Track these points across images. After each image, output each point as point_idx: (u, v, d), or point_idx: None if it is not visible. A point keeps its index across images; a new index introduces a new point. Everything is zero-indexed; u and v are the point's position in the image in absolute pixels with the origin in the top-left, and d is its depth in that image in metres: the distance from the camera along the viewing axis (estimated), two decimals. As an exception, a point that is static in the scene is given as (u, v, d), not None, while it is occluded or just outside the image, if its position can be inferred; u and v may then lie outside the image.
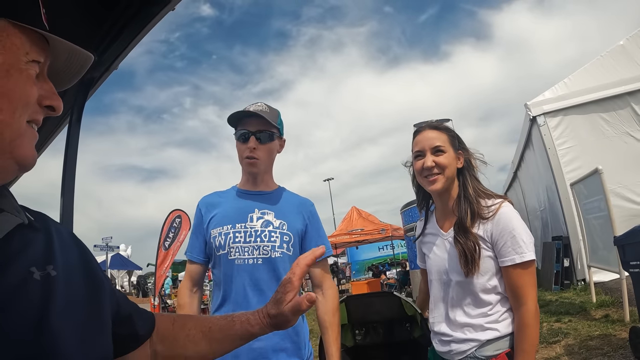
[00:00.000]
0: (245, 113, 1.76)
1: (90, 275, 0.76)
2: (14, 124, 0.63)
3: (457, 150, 1.72)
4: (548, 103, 7.72)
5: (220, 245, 1.70)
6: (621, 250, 3.74)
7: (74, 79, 0.79)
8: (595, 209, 5.28)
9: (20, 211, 0.67)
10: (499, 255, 1.55)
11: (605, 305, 5.28)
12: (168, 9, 0.95)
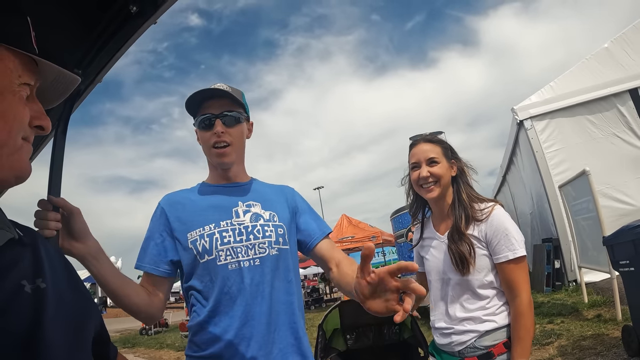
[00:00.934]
0: (205, 94, 1.48)
1: (76, 291, 0.78)
2: (10, 142, 0.67)
3: (451, 160, 1.87)
4: (535, 107, 7.82)
5: (205, 249, 1.40)
6: (610, 250, 3.78)
7: (60, 98, 0.84)
8: (583, 210, 5.34)
9: (10, 226, 0.70)
10: (494, 253, 1.71)
11: (597, 305, 5.32)
12: (150, 22, 0.96)
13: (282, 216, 1.53)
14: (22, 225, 0.79)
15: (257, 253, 1.42)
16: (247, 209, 1.50)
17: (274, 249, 1.45)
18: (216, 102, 1.48)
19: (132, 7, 0.94)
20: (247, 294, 1.37)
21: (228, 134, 1.47)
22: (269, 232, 1.45)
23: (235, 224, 1.45)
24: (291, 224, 1.56)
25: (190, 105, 1.50)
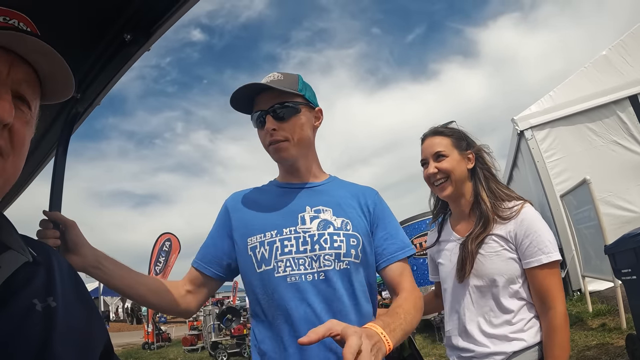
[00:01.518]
0: (251, 89, 1.31)
1: (85, 307, 0.81)
2: None
3: (465, 151, 1.64)
4: (534, 117, 7.85)
5: (264, 258, 1.27)
6: (612, 259, 3.77)
7: (57, 94, 0.78)
8: (585, 219, 5.33)
9: (24, 248, 0.72)
10: (524, 257, 1.48)
11: (601, 314, 5.29)
12: (144, 49, 1.01)
13: (358, 224, 1.33)
14: (36, 241, 0.82)
15: (322, 266, 1.25)
16: (315, 214, 1.33)
17: (343, 262, 1.26)
18: (265, 96, 1.32)
19: (126, 36, 0.99)
20: (302, 312, 1.22)
21: (282, 129, 1.31)
22: (338, 243, 1.27)
23: (299, 232, 1.29)
24: (368, 234, 1.35)
25: (239, 104, 1.36)
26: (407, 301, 1.24)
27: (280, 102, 1.30)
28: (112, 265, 1.26)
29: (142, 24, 0.98)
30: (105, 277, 1.24)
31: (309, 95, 1.38)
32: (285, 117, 1.30)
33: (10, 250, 0.70)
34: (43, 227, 1.18)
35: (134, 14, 0.99)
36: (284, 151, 1.32)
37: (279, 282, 1.24)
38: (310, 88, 1.41)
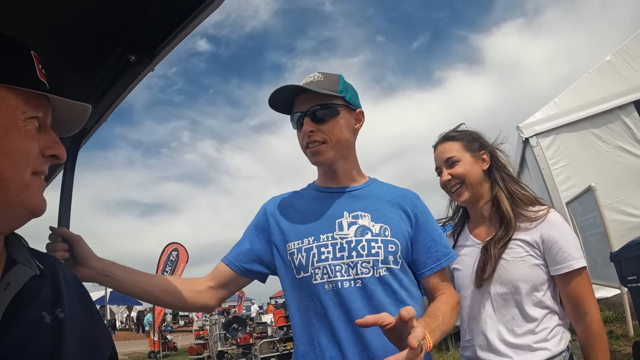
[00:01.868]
0: (289, 91, 1.31)
1: (91, 317, 0.85)
2: (18, 178, 0.72)
3: (478, 152, 1.60)
4: (539, 124, 7.84)
5: (301, 265, 1.27)
6: (617, 266, 3.76)
7: (76, 126, 0.88)
8: (591, 226, 5.32)
9: (32, 262, 0.77)
10: (554, 263, 1.44)
11: (609, 321, 5.25)
12: (148, 70, 1.06)
13: (397, 230, 1.30)
14: (42, 253, 0.87)
15: (359, 273, 1.23)
16: (353, 220, 1.30)
17: (382, 268, 1.24)
18: (304, 97, 1.31)
19: (130, 57, 1.04)
20: (341, 320, 1.21)
21: (320, 132, 1.29)
22: (375, 249, 1.25)
23: (337, 238, 1.27)
24: (408, 240, 1.32)
25: (279, 105, 1.36)
26: (446, 304, 1.26)
27: (320, 103, 1.29)
28: (122, 272, 1.28)
29: (145, 46, 1.03)
30: (117, 284, 1.26)
31: (349, 96, 1.36)
32: (324, 119, 1.29)
33: (19, 265, 0.75)
34: (52, 240, 1.21)
35: (137, 37, 1.04)
36: (321, 154, 1.31)
37: (318, 289, 1.24)
38: (352, 88, 1.39)
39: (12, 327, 0.68)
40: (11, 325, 0.68)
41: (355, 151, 1.42)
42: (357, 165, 1.43)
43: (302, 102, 1.31)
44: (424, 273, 1.33)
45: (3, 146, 0.70)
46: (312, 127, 1.29)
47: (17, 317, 0.69)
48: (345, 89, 1.35)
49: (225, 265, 1.39)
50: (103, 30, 1.04)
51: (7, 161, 0.70)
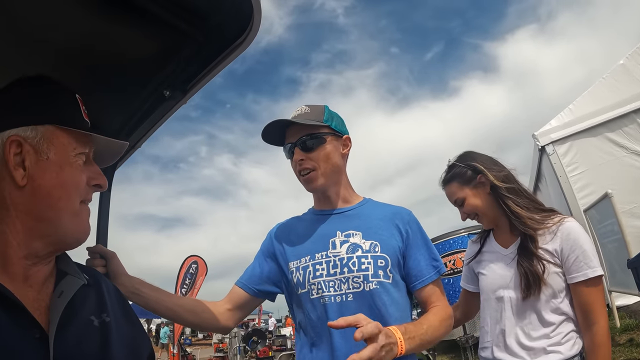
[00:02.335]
0: (280, 124, 1.43)
1: (131, 321, 0.98)
2: (70, 207, 0.83)
3: (474, 180, 1.67)
4: (555, 131, 7.81)
5: (299, 282, 1.38)
6: (635, 272, 3.74)
7: (113, 158, 1.01)
8: (609, 233, 5.28)
9: (79, 273, 0.90)
10: (570, 271, 1.50)
11: (629, 329, 5.19)
12: (181, 103, 1.17)
13: (387, 245, 1.38)
14: (84, 266, 1.00)
15: (350, 287, 1.33)
16: (345, 239, 1.40)
17: (372, 282, 1.33)
18: (293, 129, 1.43)
19: (165, 92, 1.15)
20: (336, 332, 1.29)
21: (309, 159, 1.41)
22: (365, 265, 1.34)
23: (330, 256, 1.37)
24: (399, 254, 1.40)
25: (272, 138, 1.47)
26: (435, 315, 1.33)
27: (307, 133, 1.40)
28: (150, 290, 1.37)
29: (178, 83, 1.14)
30: (144, 302, 1.35)
31: (335, 124, 1.46)
32: (312, 147, 1.40)
33: (69, 276, 0.88)
34: (91, 256, 1.32)
35: (170, 74, 1.15)
36: (314, 181, 1.42)
37: (314, 304, 1.35)
38: (337, 117, 1.49)
39: (67, 329, 0.79)
40: (67, 327, 0.79)
41: (347, 174, 1.52)
42: (349, 187, 1.53)
43: (291, 133, 1.43)
44: (416, 286, 1.40)
45: (59, 179, 0.82)
46: (302, 155, 1.40)
47: (71, 321, 0.80)
48: (331, 118, 1.46)
49: (240, 289, 1.52)
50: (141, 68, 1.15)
51: (62, 191, 0.82)
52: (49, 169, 0.81)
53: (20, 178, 0.79)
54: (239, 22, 0.97)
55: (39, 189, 0.80)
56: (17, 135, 0.80)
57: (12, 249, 0.79)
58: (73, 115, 0.87)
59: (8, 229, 0.79)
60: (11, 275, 0.79)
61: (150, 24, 1.01)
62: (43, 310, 0.79)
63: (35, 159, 0.80)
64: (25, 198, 0.80)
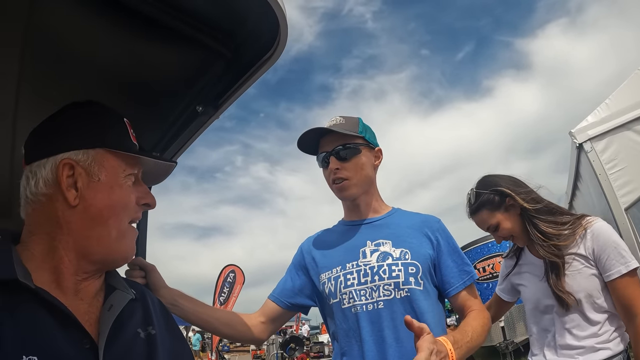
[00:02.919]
0: (315, 133, 1.46)
1: (174, 334, 1.02)
2: (118, 226, 0.88)
3: (504, 203, 1.73)
4: (592, 128, 7.55)
5: (331, 292, 1.40)
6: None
7: (161, 178, 1.06)
8: (653, 231, 5.06)
9: (127, 288, 0.95)
10: (604, 270, 1.59)
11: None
12: (213, 118, 1.20)
13: (418, 253, 1.39)
14: (130, 280, 1.05)
15: (381, 295, 1.33)
16: (375, 248, 1.41)
17: (403, 290, 1.33)
18: (328, 138, 1.45)
19: (198, 108, 1.19)
20: (368, 340, 1.31)
21: (344, 169, 1.43)
22: (396, 273, 1.34)
23: (361, 265, 1.38)
24: (429, 262, 1.41)
25: (306, 146, 1.50)
26: (476, 320, 1.34)
27: (342, 143, 1.43)
28: (188, 303, 1.41)
29: (209, 99, 1.18)
30: (182, 314, 1.39)
31: (369, 136, 1.49)
32: (347, 157, 1.43)
33: (118, 290, 0.92)
34: (130, 268, 1.36)
35: (202, 91, 1.19)
36: (346, 190, 1.44)
37: (345, 313, 1.37)
38: (370, 130, 1.51)
39: (115, 341, 0.83)
40: (115, 339, 0.83)
41: (377, 185, 1.54)
42: (378, 198, 1.54)
43: (326, 143, 1.46)
44: (451, 292, 1.41)
45: (109, 199, 0.87)
46: (337, 164, 1.43)
47: (119, 333, 0.84)
48: (365, 130, 1.48)
49: (273, 302, 1.55)
50: (173, 86, 1.19)
51: (112, 211, 0.87)
52: (100, 190, 0.86)
53: (72, 198, 0.84)
54: (266, 37, 0.99)
55: (90, 209, 0.85)
56: (69, 158, 0.85)
57: (65, 264, 0.84)
58: (122, 139, 0.92)
59: (61, 246, 0.84)
60: (64, 289, 0.84)
61: (181, 44, 1.05)
62: (93, 322, 0.84)
63: (87, 180, 0.86)
64: (77, 217, 0.85)
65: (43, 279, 0.81)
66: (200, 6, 0.96)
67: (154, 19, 0.96)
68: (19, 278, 0.75)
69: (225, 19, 1.00)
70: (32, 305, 0.76)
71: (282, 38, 0.96)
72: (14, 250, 0.82)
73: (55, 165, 0.85)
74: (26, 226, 0.87)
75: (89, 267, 0.87)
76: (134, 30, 0.99)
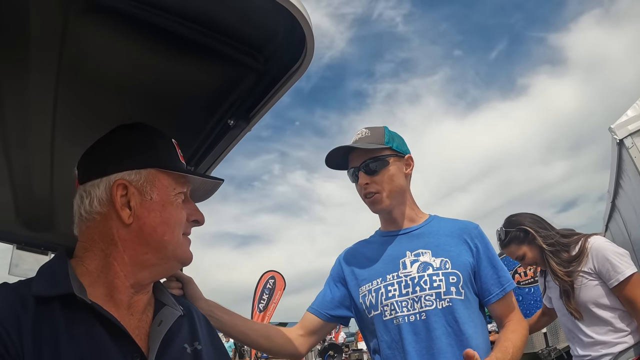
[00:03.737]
0: (342, 151, 1.46)
1: (218, 348, 1.04)
2: (174, 240, 0.91)
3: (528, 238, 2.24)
4: (632, 122, 7.25)
5: (372, 304, 1.39)
6: None
7: (208, 195, 1.10)
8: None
9: (176, 304, 0.98)
10: (607, 280, 2.01)
11: None
12: (245, 131, 1.22)
13: (458, 262, 1.38)
14: (177, 296, 1.08)
15: (423, 306, 1.33)
16: (415, 258, 1.40)
17: (444, 300, 1.32)
18: (356, 153, 1.45)
19: (230, 121, 1.20)
20: (411, 352, 1.30)
21: (374, 183, 1.43)
22: (437, 283, 1.34)
23: (401, 276, 1.37)
24: (470, 270, 1.40)
25: (335, 163, 1.50)
26: (515, 333, 1.33)
27: (369, 157, 1.43)
28: (225, 315, 1.42)
29: (241, 112, 1.19)
30: (220, 325, 1.39)
31: (396, 145, 1.47)
32: (376, 170, 1.42)
33: (167, 307, 0.95)
34: (168, 279, 1.40)
35: (233, 104, 1.21)
36: (379, 203, 1.44)
37: (387, 325, 1.35)
38: (398, 137, 1.49)
39: (164, 355, 0.86)
40: (164, 353, 0.86)
41: (411, 193, 1.51)
42: (414, 206, 1.52)
43: (354, 158, 1.46)
44: (490, 300, 1.39)
45: (162, 217, 0.90)
46: (366, 179, 1.43)
47: (168, 348, 0.87)
48: (392, 139, 1.47)
49: (312, 315, 1.54)
50: (205, 101, 1.22)
51: (166, 228, 0.90)
52: (153, 208, 0.90)
53: (126, 217, 0.88)
54: (293, 48, 1.00)
55: (145, 227, 0.89)
56: (122, 178, 0.90)
57: (120, 279, 0.88)
58: (172, 159, 0.96)
59: (116, 262, 0.88)
60: (117, 303, 0.87)
61: (211, 60, 1.07)
62: (143, 336, 0.87)
63: (139, 199, 0.90)
64: (132, 235, 0.89)
65: (97, 293, 0.85)
66: (229, 23, 0.97)
67: (184, 38, 0.98)
68: (75, 293, 0.78)
69: (253, 34, 1.01)
70: (88, 320, 0.79)
71: (309, 49, 0.96)
72: (69, 266, 0.86)
73: (109, 185, 0.89)
74: (80, 242, 0.91)
75: (147, 279, 0.91)
76: (165, 49, 1.02)
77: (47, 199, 1.58)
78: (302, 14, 0.85)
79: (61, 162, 1.34)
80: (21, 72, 1.00)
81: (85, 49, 0.99)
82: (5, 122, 1.17)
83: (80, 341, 0.76)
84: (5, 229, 1.88)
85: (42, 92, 1.07)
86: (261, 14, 0.93)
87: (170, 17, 0.93)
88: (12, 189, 1.52)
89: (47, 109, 1.13)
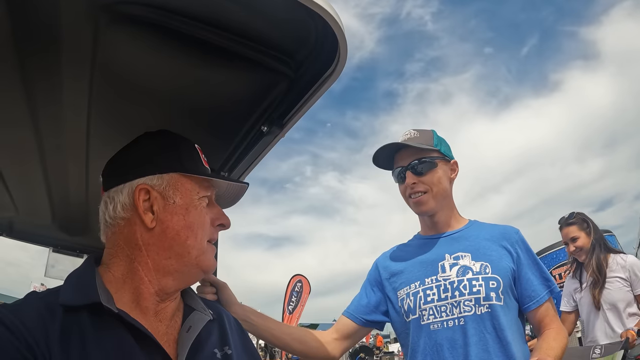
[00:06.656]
0: (390, 148, 1.44)
1: (250, 353, 1.03)
2: (197, 246, 0.91)
3: (588, 229, 2.94)
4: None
5: (410, 308, 1.37)
6: None
7: (235, 199, 1.09)
8: None
9: (205, 309, 0.97)
10: (634, 288, 2.78)
11: None
12: (279, 137, 1.22)
13: (498, 266, 1.35)
14: (208, 300, 1.08)
15: (462, 312, 1.30)
16: (454, 262, 1.38)
17: (484, 306, 1.29)
18: (404, 153, 1.44)
19: (263, 128, 1.21)
20: (449, 357, 1.27)
21: (421, 183, 1.41)
22: (477, 288, 1.31)
23: (440, 280, 1.35)
24: (510, 275, 1.36)
25: (380, 161, 1.48)
26: (556, 341, 1.28)
27: (418, 158, 1.42)
28: (259, 319, 1.42)
29: (274, 118, 1.19)
30: (254, 330, 1.40)
31: (444, 149, 1.46)
32: (423, 171, 1.41)
33: (196, 312, 0.95)
34: (202, 284, 1.39)
35: (266, 111, 1.22)
36: (424, 204, 1.42)
37: (425, 330, 1.33)
38: (445, 142, 1.48)
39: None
40: (194, 358, 0.85)
41: (453, 199, 1.50)
42: (455, 211, 1.51)
43: (402, 157, 1.45)
44: (530, 306, 1.35)
45: (185, 220, 0.90)
46: (414, 179, 1.41)
47: (197, 354, 0.87)
48: (440, 143, 1.45)
49: (347, 319, 1.52)
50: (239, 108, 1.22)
51: (189, 232, 0.90)
52: (176, 212, 0.90)
53: (149, 221, 0.88)
54: (326, 54, 0.99)
55: (168, 230, 0.89)
56: (145, 183, 0.90)
57: (145, 285, 0.88)
58: (194, 163, 0.96)
59: (140, 267, 0.88)
60: (143, 310, 0.87)
61: (244, 68, 1.08)
62: (171, 343, 0.87)
63: (162, 203, 0.90)
64: (156, 239, 0.89)
65: (124, 300, 0.86)
66: (261, 30, 0.97)
67: (217, 46, 0.99)
68: (102, 302, 0.79)
69: (286, 41, 1.01)
70: (115, 328, 0.80)
71: (342, 54, 0.95)
72: (97, 274, 0.87)
73: (131, 190, 0.90)
74: (107, 249, 0.92)
75: (170, 286, 0.90)
76: (198, 58, 1.03)
77: (81, 204, 1.62)
78: (334, 19, 0.84)
79: (95, 167, 1.37)
80: (55, 83, 1.02)
81: (117, 58, 1.00)
82: (41, 129, 1.21)
83: (108, 349, 0.76)
84: (42, 233, 1.94)
85: (76, 101, 1.10)
86: (293, 20, 0.93)
87: (202, 26, 0.94)
88: (48, 194, 1.57)
89: (82, 117, 1.16)
